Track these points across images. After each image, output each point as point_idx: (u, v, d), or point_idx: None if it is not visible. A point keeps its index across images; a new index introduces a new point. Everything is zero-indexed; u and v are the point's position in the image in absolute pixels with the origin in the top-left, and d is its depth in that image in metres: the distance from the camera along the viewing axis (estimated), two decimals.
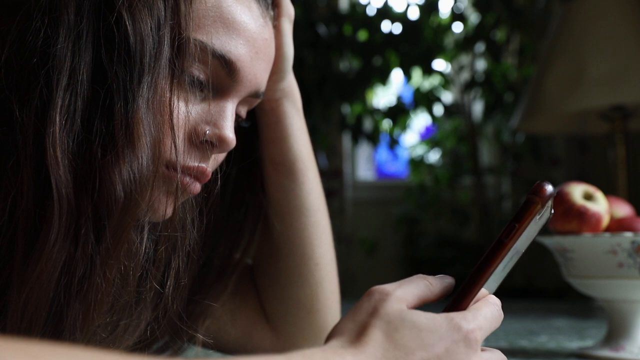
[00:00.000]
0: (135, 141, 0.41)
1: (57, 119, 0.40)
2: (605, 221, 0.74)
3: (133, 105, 0.41)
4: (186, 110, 0.45)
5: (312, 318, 0.59)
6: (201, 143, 0.46)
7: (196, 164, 0.46)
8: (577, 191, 0.74)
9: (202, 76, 0.46)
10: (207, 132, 0.46)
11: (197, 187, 0.47)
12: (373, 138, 2.81)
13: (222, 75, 0.47)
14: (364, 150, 3.37)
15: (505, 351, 0.81)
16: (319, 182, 0.60)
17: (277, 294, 0.59)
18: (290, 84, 0.57)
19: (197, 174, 0.47)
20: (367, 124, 2.83)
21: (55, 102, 0.40)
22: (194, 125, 0.46)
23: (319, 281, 0.58)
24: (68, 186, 0.40)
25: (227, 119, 0.47)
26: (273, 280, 0.59)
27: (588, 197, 0.74)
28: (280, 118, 0.56)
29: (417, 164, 3.16)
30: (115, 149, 0.41)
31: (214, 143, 0.47)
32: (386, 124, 2.87)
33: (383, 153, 3.46)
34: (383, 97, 3.24)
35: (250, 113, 0.56)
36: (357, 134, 2.75)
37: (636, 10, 1.53)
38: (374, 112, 2.86)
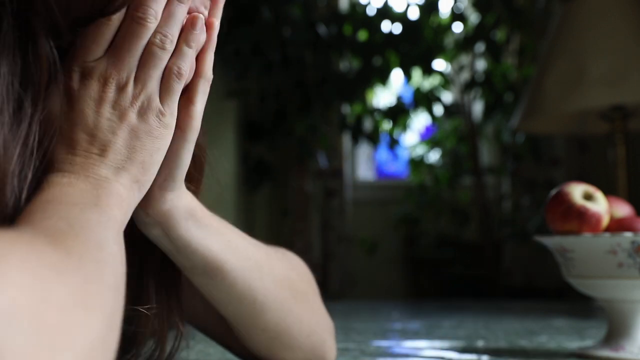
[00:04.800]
0: None
1: None
2: (605, 221, 0.74)
3: None
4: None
5: (280, 355, 0.58)
6: None
7: None
8: (577, 191, 0.74)
9: None
10: None
11: None
12: (373, 138, 2.81)
13: None
14: (364, 150, 3.37)
15: (505, 351, 0.81)
16: (248, 261, 0.53)
17: (244, 341, 0.58)
18: (180, 194, 0.48)
19: None
20: (367, 124, 2.83)
21: None
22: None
23: (272, 338, 0.56)
24: None
25: None
26: (231, 328, 0.58)
27: (588, 197, 0.74)
28: (173, 231, 0.48)
29: (417, 164, 3.17)
30: None
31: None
32: (386, 124, 2.87)
33: (383, 153, 3.46)
34: (383, 97, 3.24)
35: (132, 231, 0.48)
36: (357, 134, 2.75)
37: (636, 10, 1.53)
38: (374, 112, 2.86)
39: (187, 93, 0.45)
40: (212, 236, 0.51)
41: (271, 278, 0.56)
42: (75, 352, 0.25)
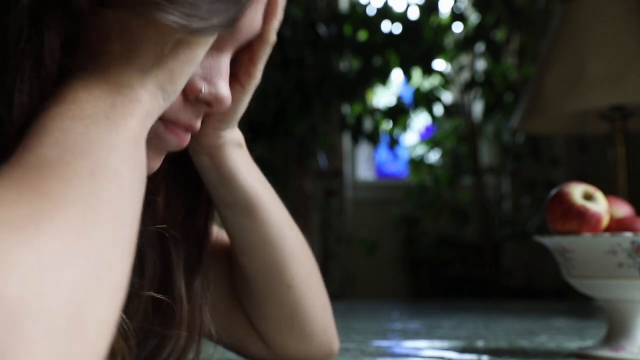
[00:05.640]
0: None
1: None
2: (605, 221, 0.74)
3: None
4: None
5: (297, 331, 0.58)
6: (196, 100, 0.43)
7: (187, 121, 0.44)
8: (577, 191, 0.74)
9: None
10: (203, 89, 0.43)
11: (187, 139, 0.45)
12: (373, 138, 2.81)
13: None
14: (364, 150, 3.37)
15: (505, 351, 0.81)
16: (280, 209, 0.57)
17: (256, 313, 0.59)
18: (233, 129, 0.52)
19: (187, 128, 0.44)
20: (367, 124, 2.83)
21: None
22: (190, 81, 0.42)
23: (295, 300, 0.57)
24: None
25: (222, 75, 0.44)
26: (250, 302, 0.59)
27: (588, 197, 0.74)
28: (223, 161, 0.51)
29: (417, 164, 3.17)
30: None
31: (209, 101, 0.44)
32: (386, 124, 2.87)
33: (383, 153, 3.46)
34: (383, 97, 3.24)
35: (186, 156, 0.52)
36: (357, 134, 2.75)
37: (636, 10, 1.53)
38: (374, 112, 2.86)
39: (250, 54, 0.47)
40: (255, 174, 0.54)
41: (296, 232, 0.58)
42: (55, 311, 0.24)
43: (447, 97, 3.00)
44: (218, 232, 0.60)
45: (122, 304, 0.29)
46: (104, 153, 0.32)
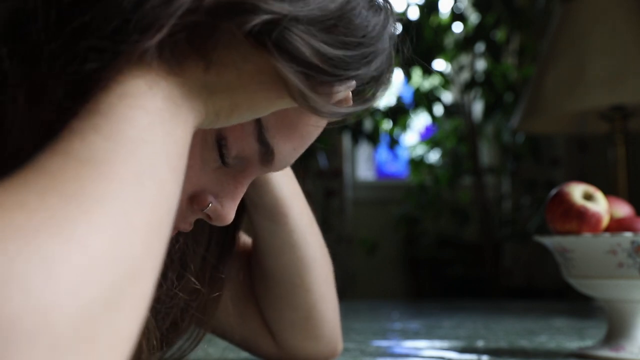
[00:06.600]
0: None
1: None
2: (605, 221, 0.74)
3: None
4: (199, 173, 0.40)
5: (309, 333, 0.60)
6: (200, 210, 0.42)
7: (182, 226, 0.43)
8: (577, 191, 0.74)
9: (233, 152, 0.40)
10: (210, 205, 0.41)
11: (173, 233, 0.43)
12: (373, 138, 2.80)
13: (253, 157, 0.41)
14: (364, 150, 3.37)
15: (505, 351, 0.81)
16: (306, 216, 0.58)
17: (272, 314, 0.60)
18: None
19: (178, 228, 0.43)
20: (367, 124, 2.83)
21: None
22: (200, 191, 0.41)
23: (312, 305, 0.59)
24: None
25: (234, 199, 0.42)
26: (267, 302, 0.60)
27: (588, 197, 0.74)
28: None
29: (417, 164, 3.17)
30: None
31: (211, 217, 0.42)
32: (386, 124, 2.87)
33: (383, 153, 3.46)
34: (383, 97, 3.23)
35: None
36: (357, 134, 2.75)
37: (636, 10, 1.53)
38: (374, 112, 2.85)
39: None
40: (287, 182, 0.55)
41: (318, 237, 0.60)
42: (60, 327, 0.22)
43: (447, 97, 3.00)
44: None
45: (144, 316, 0.27)
46: (156, 157, 0.29)
